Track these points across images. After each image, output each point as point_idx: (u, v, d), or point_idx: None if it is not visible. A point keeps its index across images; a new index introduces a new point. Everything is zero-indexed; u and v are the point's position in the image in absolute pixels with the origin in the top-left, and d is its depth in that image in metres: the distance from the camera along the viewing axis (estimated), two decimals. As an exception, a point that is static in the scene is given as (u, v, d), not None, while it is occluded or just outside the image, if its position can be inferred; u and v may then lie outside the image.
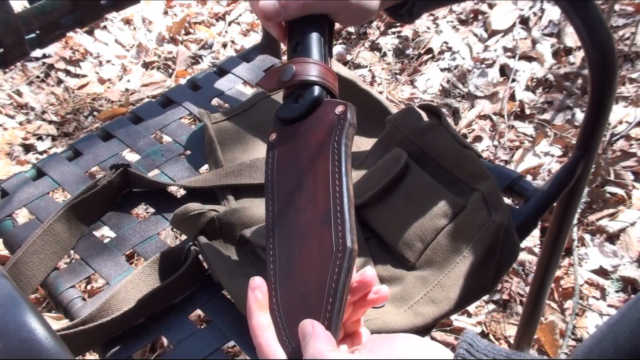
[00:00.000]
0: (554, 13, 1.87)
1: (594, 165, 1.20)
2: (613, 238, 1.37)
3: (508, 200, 0.77)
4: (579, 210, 1.40)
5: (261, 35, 1.08)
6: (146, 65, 2.01)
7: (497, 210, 0.68)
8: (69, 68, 2.00)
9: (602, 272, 1.32)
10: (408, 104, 1.72)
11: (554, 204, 0.81)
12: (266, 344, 0.48)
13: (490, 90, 1.73)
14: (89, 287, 1.34)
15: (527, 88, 1.72)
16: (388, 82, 1.85)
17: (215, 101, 0.97)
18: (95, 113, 1.87)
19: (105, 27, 2.11)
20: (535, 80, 1.73)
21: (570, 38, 1.78)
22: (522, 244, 1.27)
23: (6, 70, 1.96)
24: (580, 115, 1.61)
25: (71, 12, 0.83)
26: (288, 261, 0.52)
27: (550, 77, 1.72)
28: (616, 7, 1.81)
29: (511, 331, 1.24)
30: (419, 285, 0.67)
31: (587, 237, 1.38)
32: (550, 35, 1.83)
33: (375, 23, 2.02)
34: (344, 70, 0.89)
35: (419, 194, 0.72)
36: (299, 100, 0.58)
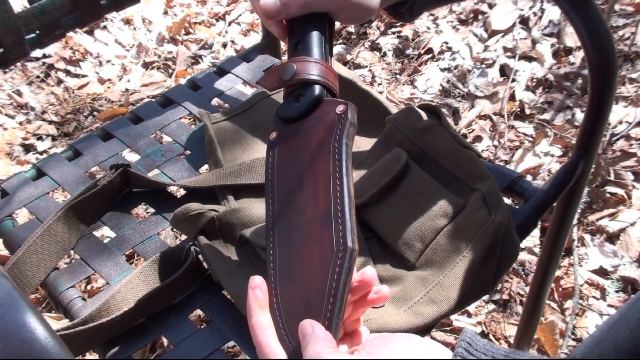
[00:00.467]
0: (554, 13, 1.87)
1: (594, 165, 1.21)
2: (613, 238, 1.37)
3: (508, 200, 0.77)
4: (579, 210, 1.40)
5: (261, 35, 1.09)
6: (146, 65, 2.01)
7: (497, 210, 0.68)
8: (69, 68, 2.00)
9: (602, 272, 1.32)
10: (408, 104, 1.72)
11: (554, 204, 0.81)
12: (266, 343, 0.48)
13: (490, 90, 1.73)
14: (89, 287, 1.34)
15: (527, 88, 1.72)
16: (388, 82, 1.85)
17: (215, 101, 0.97)
18: (95, 113, 1.87)
19: (105, 27, 2.12)
20: (535, 80, 1.73)
21: (570, 38, 1.78)
22: (522, 244, 1.27)
23: (6, 70, 1.96)
24: (580, 115, 1.61)
25: (71, 12, 0.83)
26: (288, 261, 0.52)
27: (550, 77, 1.72)
28: (616, 7, 1.81)
29: (511, 331, 1.24)
30: (418, 285, 0.67)
31: (587, 237, 1.38)
32: (550, 35, 1.83)
33: (375, 23, 2.02)
34: (344, 70, 0.89)
35: (418, 194, 0.72)
36: (300, 99, 0.58)
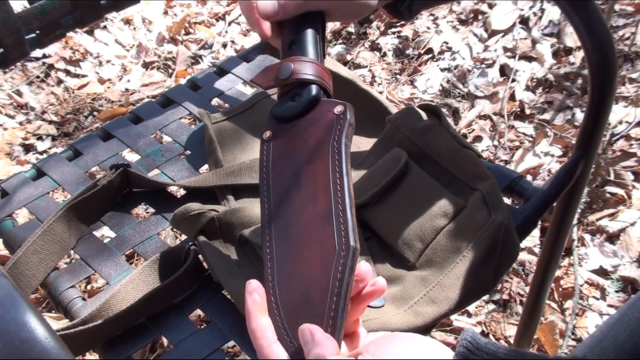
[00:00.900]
0: (554, 13, 1.87)
1: (594, 165, 1.20)
2: (613, 238, 1.37)
3: (508, 200, 0.77)
4: (579, 210, 1.40)
5: (261, 35, 1.08)
6: (146, 65, 2.01)
7: (497, 210, 0.68)
8: (69, 68, 2.00)
9: (602, 272, 1.32)
10: (408, 104, 1.72)
11: (554, 204, 0.81)
12: (267, 344, 0.48)
13: (490, 90, 1.73)
14: (89, 287, 1.34)
15: (527, 88, 1.72)
16: (388, 82, 1.85)
17: (215, 101, 0.97)
18: (95, 113, 1.87)
19: (105, 27, 2.12)
20: (535, 80, 1.73)
21: (570, 38, 1.78)
22: (522, 244, 1.27)
23: (6, 70, 1.96)
24: (580, 115, 1.61)
25: (71, 12, 0.83)
26: (286, 260, 0.52)
27: (550, 77, 1.72)
28: (616, 7, 1.81)
29: (511, 331, 1.24)
30: (418, 285, 0.66)
31: (587, 237, 1.38)
32: (550, 35, 1.83)
33: (375, 23, 2.02)
34: (343, 70, 0.89)
35: (418, 194, 0.72)
36: (296, 99, 0.58)
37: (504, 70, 1.78)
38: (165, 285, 0.68)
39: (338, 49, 1.96)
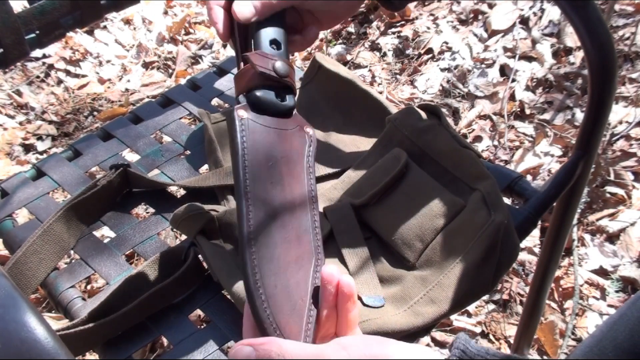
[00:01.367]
0: (554, 13, 1.87)
1: (594, 165, 1.20)
2: (613, 238, 1.37)
3: (508, 200, 0.77)
4: (579, 210, 1.40)
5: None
6: (146, 65, 2.01)
7: (497, 210, 0.68)
8: (69, 68, 2.00)
9: (602, 272, 1.32)
10: (408, 104, 1.72)
11: (554, 204, 0.81)
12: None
13: (490, 90, 1.73)
14: (89, 287, 1.34)
15: (527, 88, 1.72)
16: (388, 82, 1.85)
17: (215, 101, 0.97)
18: (95, 113, 1.87)
19: (105, 27, 2.12)
20: (535, 80, 1.73)
21: (570, 38, 1.78)
22: (522, 244, 1.27)
23: (6, 70, 1.96)
24: (580, 115, 1.61)
25: (71, 12, 0.83)
26: (271, 253, 0.53)
27: (550, 77, 1.72)
28: (616, 7, 1.81)
29: (511, 331, 1.24)
30: (418, 285, 0.67)
31: (587, 237, 1.38)
32: (550, 35, 1.83)
33: (375, 23, 2.03)
34: (343, 70, 0.89)
35: (418, 194, 0.72)
36: (284, 100, 0.59)
37: (504, 70, 1.78)
38: (165, 285, 0.68)
39: (338, 49, 1.96)
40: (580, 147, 0.79)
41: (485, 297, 1.29)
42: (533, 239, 1.39)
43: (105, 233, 0.93)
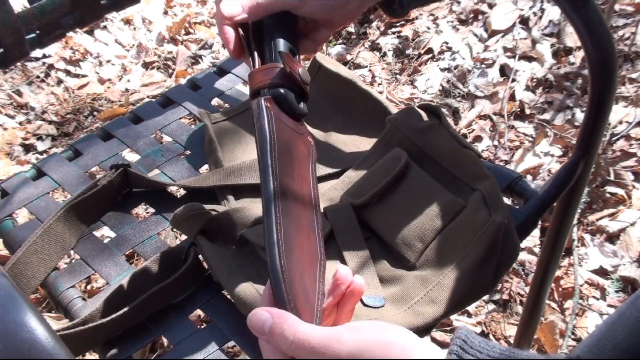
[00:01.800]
0: (554, 13, 1.87)
1: (594, 165, 1.20)
2: (613, 238, 1.37)
3: (508, 200, 0.77)
4: (579, 210, 1.40)
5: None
6: (146, 65, 2.01)
7: (497, 210, 0.68)
8: (69, 68, 2.00)
9: (602, 272, 1.32)
10: (408, 104, 1.72)
11: (554, 204, 0.81)
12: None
13: (490, 90, 1.73)
14: (89, 287, 1.34)
15: (527, 88, 1.72)
16: (388, 82, 1.85)
17: (215, 101, 0.97)
18: (95, 113, 1.87)
19: (105, 27, 2.11)
20: (535, 80, 1.73)
21: (570, 38, 1.78)
22: (522, 244, 1.26)
23: (6, 70, 1.96)
24: (580, 115, 1.61)
25: (71, 12, 0.83)
26: (291, 242, 0.53)
27: (550, 77, 1.72)
28: (616, 7, 1.81)
29: (511, 331, 1.24)
30: (418, 285, 0.67)
31: (587, 237, 1.38)
32: (550, 35, 1.83)
33: (375, 23, 2.03)
34: (343, 70, 0.89)
35: (418, 194, 0.72)
36: (299, 106, 0.60)
37: (504, 70, 1.78)
38: (165, 285, 0.68)
39: (338, 49, 1.96)
40: (580, 147, 0.79)
41: (486, 297, 1.29)
42: (533, 239, 1.39)
43: (105, 233, 0.93)
